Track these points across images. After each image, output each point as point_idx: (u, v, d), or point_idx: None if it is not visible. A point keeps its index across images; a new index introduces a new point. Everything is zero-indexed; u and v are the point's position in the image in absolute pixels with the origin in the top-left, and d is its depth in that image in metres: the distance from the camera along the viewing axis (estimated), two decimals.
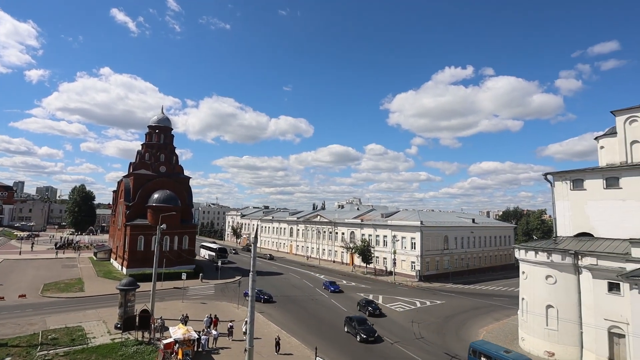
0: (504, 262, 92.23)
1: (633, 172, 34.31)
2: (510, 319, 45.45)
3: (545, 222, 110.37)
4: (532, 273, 36.32)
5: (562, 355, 33.50)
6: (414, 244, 76.10)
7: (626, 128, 36.71)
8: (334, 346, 35.42)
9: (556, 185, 39.25)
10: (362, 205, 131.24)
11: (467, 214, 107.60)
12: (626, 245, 30.22)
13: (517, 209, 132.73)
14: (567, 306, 33.63)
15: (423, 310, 50.72)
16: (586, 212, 36.80)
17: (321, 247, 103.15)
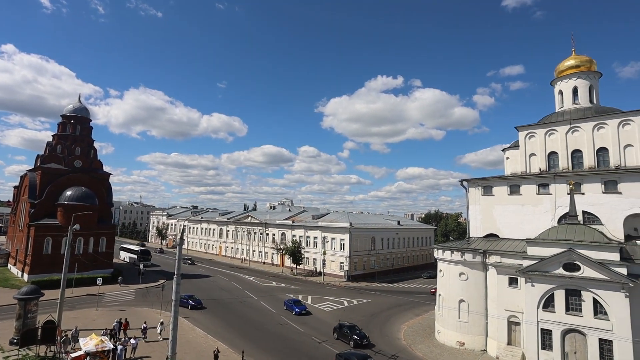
0: (426, 262, 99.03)
1: (530, 181, 39.25)
2: (429, 314, 49.00)
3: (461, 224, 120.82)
4: (448, 271, 39.65)
5: (470, 344, 37.03)
6: (343, 245, 78.46)
7: (526, 142, 41.83)
8: (262, 349, 35.16)
9: (470, 190, 43.31)
10: (293, 207, 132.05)
11: (393, 217, 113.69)
12: (524, 244, 34.39)
13: (438, 212, 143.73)
14: (476, 300, 37.30)
15: (350, 309, 52.51)
16: (494, 216, 41.16)
17: (251, 249, 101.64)
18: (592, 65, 43.07)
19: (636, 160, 35.31)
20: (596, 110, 39.66)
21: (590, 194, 35.65)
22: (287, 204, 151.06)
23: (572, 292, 29.88)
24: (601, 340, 28.29)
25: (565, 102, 43.46)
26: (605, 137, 37.33)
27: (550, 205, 37.62)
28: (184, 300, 48.40)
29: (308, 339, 38.23)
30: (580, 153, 38.66)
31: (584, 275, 29.15)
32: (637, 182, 33.62)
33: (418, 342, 39.10)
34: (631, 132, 36.01)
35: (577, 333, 29.45)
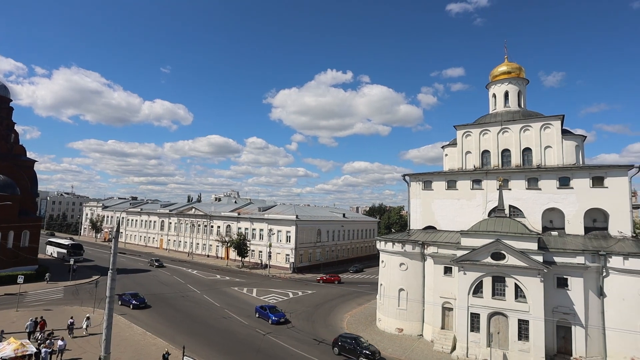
0: (369, 253, 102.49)
1: (465, 177, 42.15)
2: (371, 303, 50.98)
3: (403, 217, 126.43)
4: (389, 261, 41.50)
5: (408, 330, 39.24)
6: (289, 237, 78.79)
7: (463, 141, 44.74)
8: (206, 344, 34.46)
9: (411, 185, 45.50)
10: (240, 199, 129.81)
11: (339, 209, 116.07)
12: (458, 236, 36.95)
13: (382, 205, 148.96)
14: (415, 288, 39.51)
15: (295, 300, 53.07)
16: (432, 209, 43.67)
17: (195, 241, 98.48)
18: (521, 72, 46.96)
19: (554, 160, 39.29)
20: (523, 114, 43.41)
21: (516, 190, 39.17)
22: (233, 195, 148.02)
23: (498, 278, 32.74)
24: (520, 321, 31.42)
25: (497, 104, 47.01)
26: (529, 139, 41.06)
27: (482, 200, 40.73)
28: (126, 299, 45.70)
29: (253, 332, 38.12)
30: (509, 152, 42.15)
31: (509, 263, 32.06)
32: (554, 180, 37.56)
33: (360, 330, 40.58)
34: (551, 134, 39.97)
35: (500, 315, 32.40)
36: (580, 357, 31.22)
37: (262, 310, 43.27)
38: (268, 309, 43.18)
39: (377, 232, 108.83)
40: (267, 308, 43.43)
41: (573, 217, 36.56)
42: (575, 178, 36.80)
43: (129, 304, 45.00)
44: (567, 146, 39.25)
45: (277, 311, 43.03)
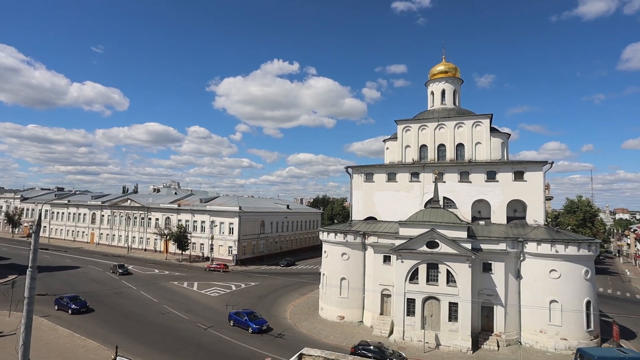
0: (313, 244, 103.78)
1: (404, 170, 44.21)
2: (313, 293, 51.87)
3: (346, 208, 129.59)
4: (331, 251, 42.46)
5: (349, 317, 40.62)
6: (232, 229, 77.34)
7: (403, 135, 46.75)
8: (142, 342, 32.90)
9: (354, 177, 46.73)
10: (180, 190, 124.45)
11: (283, 201, 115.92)
12: (397, 226, 38.77)
13: (326, 197, 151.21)
14: (356, 277, 40.88)
15: (238, 292, 52.42)
16: (373, 200, 45.28)
17: (131, 235, 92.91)
18: (457, 72, 49.97)
19: (483, 156, 42.56)
20: (458, 112, 46.34)
21: (450, 183, 41.92)
22: (174, 186, 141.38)
23: (432, 265, 34.97)
24: (450, 304, 33.95)
25: (435, 102, 49.64)
26: (463, 135, 44.01)
27: (419, 192, 43.04)
28: (64, 303, 40.31)
29: (193, 327, 37.09)
30: (444, 147, 44.87)
31: (442, 251, 34.36)
32: (482, 174, 40.77)
33: (303, 319, 41.25)
34: (481, 132, 43.18)
35: (434, 299, 34.73)
36: (500, 333, 34.56)
37: (239, 318, 37.39)
38: (246, 315, 37.25)
39: (321, 223, 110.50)
40: (245, 314, 37.41)
41: (498, 208, 40.03)
42: (501, 172, 40.25)
43: (67, 308, 39.83)
44: (494, 143, 42.69)
45: (256, 317, 37.42)
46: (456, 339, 33.24)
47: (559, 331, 33.49)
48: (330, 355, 20.90)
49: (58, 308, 40.41)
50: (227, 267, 69.83)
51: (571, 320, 33.33)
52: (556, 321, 33.55)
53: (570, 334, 33.36)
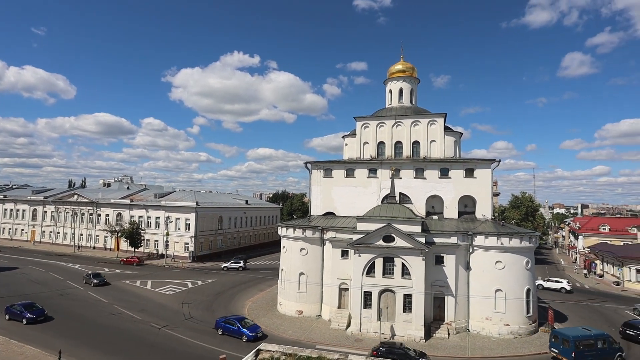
0: (272, 239, 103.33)
1: (363, 166, 45.09)
2: (272, 289, 51.75)
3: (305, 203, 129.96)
4: (290, 247, 42.53)
5: (308, 311, 40.98)
6: (189, 225, 75.19)
7: (362, 132, 47.58)
8: (90, 345, 31.22)
9: (313, 172, 46.97)
10: (133, 184, 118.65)
11: (242, 196, 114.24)
12: (355, 221, 39.53)
13: (285, 192, 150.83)
14: (314, 272, 41.26)
15: (194, 290, 51.15)
16: (332, 196, 45.81)
17: (78, 232, 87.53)
18: (414, 72, 51.51)
19: (437, 153, 44.35)
20: (414, 110, 47.86)
21: (406, 179, 43.30)
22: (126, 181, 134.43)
23: (388, 259, 36.05)
24: (405, 295, 35.25)
25: (393, 100, 50.89)
26: (418, 133, 45.55)
27: (376, 187, 44.09)
28: (17, 312, 35.98)
29: (146, 327, 35.77)
30: (401, 144, 46.20)
31: (397, 245, 35.51)
32: (436, 170, 42.52)
33: (261, 315, 41.08)
34: (435, 130, 44.93)
35: (389, 292, 35.88)
36: (450, 322, 36.44)
37: (229, 325, 34.04)
38: (237, 322, 34.11)
39: (280, 218, 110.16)
40: (236, 321, 34.24)
41: (450, 203, 41.96)
42: (453, 169, 42.17)
43: (21, 318, 35.45)
44: (447, 141, 44.60)
45: (248, 323, 34.59)
46: (410, 329, 34.61)
47: (502, 318, 35.86)
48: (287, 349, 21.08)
49: (9, 318, 36.14)
50: (141, 261, 69.32)
51: (513, 307, 35.82)
52: (500, 308, 35.91)
53: (512, 319, 35.86)
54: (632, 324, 36.63)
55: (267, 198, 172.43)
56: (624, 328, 36.50)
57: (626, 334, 35.74)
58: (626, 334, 35.67)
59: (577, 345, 29.20)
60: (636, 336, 35.00)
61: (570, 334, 30.37)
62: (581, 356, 29.00)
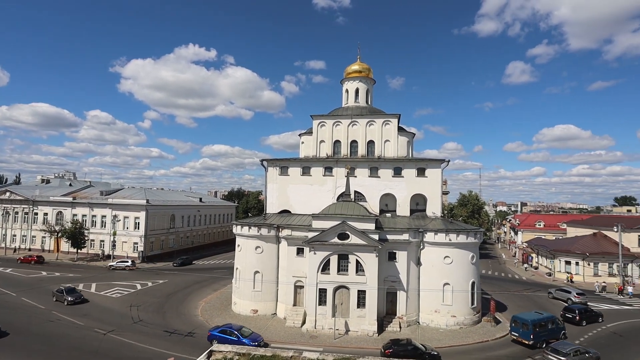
0: (227, 238, 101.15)
1: (319, 164, 45.45)
2: (227, 288, 50.79)
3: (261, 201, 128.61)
4: (245, 245, 42.00)
5: (263, 310, 40.73)
6: (138, 224, 71.77)
7: (318, 130, 47.90)
8: (25, 355, 28.88)
9: (269, 170, 46.61)
10: (76, 181, 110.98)
11: (195, 194, 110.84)
12: (310, 219, 39.77)
13: (240, 190, 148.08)
14: (269, 270, 41.07)
15: (144, 292, 49.00)
16: (288, 193, 45.75)
17: (11, 233, 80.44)
18: (370, 73, 52.63)
19: (391, 153, 45.72)
20: (370, 110, 48.93)
21: (360, 177, 44.21)
22: (68, 177, 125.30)
23: (342, 256, 36.69)
24: (359, 291, 36.09)
25: (349, 99, 51.69)
26: (373, 132, 46.65)
27: (332, 186, 44.64)
28: None
29: (90, 333, 33.73)
30: (356, 143, 47.06)
31: (352, 242, 36.23)
32: (390, 170, 43.84)
33: (215, 315, 40.23)
34: (390, 130, 46.27)
35: (344, 288, 36.55)
36: (402, 315, 37.84)
37: (226, 336, 30.88)
38: (237, 331, 31.57)
39: (235, 216, 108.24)
40: (235, 330, 31.67)
41: (402, 201, 43.46)
42: (406, 168, 43.68)
43: None
44: (401, 141, 46.11)
45: (248, 333, 32.18)
46: (364, 324, 35.50)
47: (450, 310, 37.84)
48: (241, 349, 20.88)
49: None
50: (40, 260, 66.35)
51: (459, 300, 37.91)
52: (448, 301, 37.86)
53: (458, 311, 37.94)
54: (571, 309, 41.56)
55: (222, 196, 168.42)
56: (564, 312, 41.24)
57: (566, 317, 40.30)
58: (566, 317, 40.20)
59: (534, 328, 32.97)
60: (573, 318, 39.89)
61: (528, 318, 34.00)
62: (537, 336, 32.90)
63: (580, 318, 39.63)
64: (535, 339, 32.64)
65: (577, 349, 29.02)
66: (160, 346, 30.93)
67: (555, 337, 33.94)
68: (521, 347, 32.97)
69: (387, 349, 29.99)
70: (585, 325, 39.23)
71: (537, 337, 32.80)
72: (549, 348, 29.51)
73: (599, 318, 40.83)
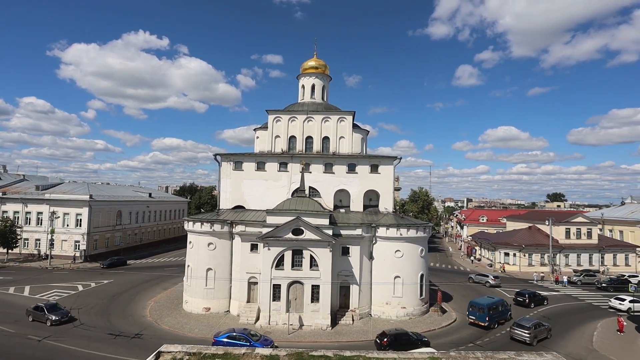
0: (178, 234, 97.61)
1: (274, 159, 45.14)
2: (177, 286, 49.06)
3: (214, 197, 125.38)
4: (197, 242, 40.83)
5: (215, 308, 39.91)
6: (80, 221, 67.23)
7: (274, 125, 47.50)
8: None
9: (223, 165, 45.54)
10: (7, 174, 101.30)
11: (145, 189, 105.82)
12: (265, 214, 39.47)
13: (193, 185, 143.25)
14: (222, 267, 40.29)
15: (86, 293, 46.08)
16: (242, 189, 45.03)
17: None
18: (327, 69, 52.94)
19: (345, 149, 46.42)
20: (325, 107, 49.28)
21: (315, 173, 44.50)
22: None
23: (297, 251, 36.82)
24: (313, 286, 36.46)
25: (305, 95, 51.72)
26: (329, 129, 47.08)
27: (287, 181, 44.54)
28: None
29: (23, 340, 31.11)
30: (312, 139, 47.26)
31: (306, 238, 36.43)
32: (344, 166, 44.52)
33: (165, 315, 38.81)
34: (344, 127, 46.93)
35: (298, 283, 36.74)
36: (355, 309, 38.74)
37: (235, 342, 28.51)
38: (246, 336, 29.64)
39: (188, 212, 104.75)
40: (244, 335, 29.70)
41: (356, 197, 44.34)
42: (360, 165, 44.58)
43: None
44: (355, 138, 46.95)
45: (258, 337, 30.54)
46: (317, 319, 35.93)
47: (400, 301, 39.33)
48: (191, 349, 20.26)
49: None
50: None
51: (409, 292, 39.53)
52: (398, 293, 39.33)
53: (408, 302, 39.55)
54: (521, 293, 46.38)
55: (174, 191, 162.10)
56: (516, 296, 46.22)
57: (517, 300, 45.48)
58: (517, 301, 45.38)
59: (489, 311, 37.07)
60: (524, 301, 45.00)
61: (484, 302, 38.03)
62: (491, 318, 37.11)
63: (529, 301, 44.85)
64: (490, 321, 36.83)
65: (536, 323, 34.27)
66: (104, 350, 29.32)
67: (504, 318, 38.59)
68: (477, 328, 36.87)
69: (383, 339, 30.81)
70: (533, 307, 44.21)
71: (491, 319, 37.01)
72: (515, 324, 34.41)
73: (544, 301, 46.35)
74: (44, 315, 35.31)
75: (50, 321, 34.76)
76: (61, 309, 36.49)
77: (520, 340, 33.08)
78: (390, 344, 29.88)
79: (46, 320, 34.93)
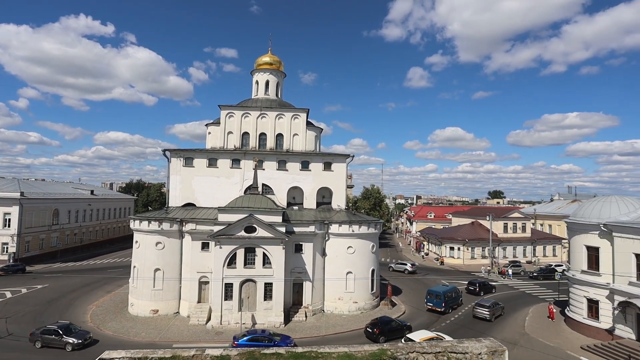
0: (124, 234, 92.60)
1: (226, 156, 44.19)
2: (122, 289, 46.60)
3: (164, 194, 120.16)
4: (144, 241, 38.98)
5: (164, 310, 38.40)
6: (9, 221, 61.55)
7: (226, 121, 46.44)
8: None
9: (172, 161, 43.77)
10: None
11: (86, 186, 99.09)
12: (216, 212, 38.55)
13: (141, 182, 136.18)
14: (171, 267, 38.83)
15: (16, 300, 42.37)
16: (193, 186, 43.60)
17: None
18: (281, 66, 52.58)
19: (299, 146, 46.50)
20: (279, 103, 48.97)
21: (269, 170, 44.16)
22: None
23: (249, 249, 36.39)
24: (266, 284, 36.26)
25: (259, 91, 51.07)
26: (282, 126, 46.88)
27: (240, 178, 43.79)
28: None
29: None
30: (265, 136, 46.81)
31: (259, 235, 36.10)
32: (298, 163, 44.61)
33: (108, 320, 36.72)
34: (298, 124, 46.97)
35: (251, 282, 36.34)
36: (308, 305, 39.06)
37: (259, 344, 27.36)
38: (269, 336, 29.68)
39: (135, 210, 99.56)
40: (267, 336, 29.70)
41: (309, 194, 44.62)
42: (313, 162, 44.89)
43: None
44: (309, 135, 47.16)
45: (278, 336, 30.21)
46: (270, 316, 35.80)
47: (352, 297, 40.23)
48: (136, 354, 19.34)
49: None
50: None
51: (360, 287, 40.54)
52: (350, 288, 40.19)
53: (359, 297, 40.57)
54: (473, 283, 50.64)
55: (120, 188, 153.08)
56: (468, 285, 50.26)
57: (469, 289, 49.68)
58: (469, 289, 49.60)
59: (445, 298, 40.65)
60: (474, 290, 49.15)
61: (440, 290, 41.83)
62: (447, 304, 40.77)
63: (479, 289, 49.06)
64: (446, 307, 40.58)
65: (493, 303, 39.69)
66: None
67: (456, 304, 42.88)
68: (434, 314, 40.37)
69: (375, 327, 32.95)
70: (482, 295, 47.91)
71: (447, 305, 40.75)
72: (476, 304, 39.72)
73: (492, 289, 50.86)
74: (60, 339, 29.58)
75: (71, 345, 29.42)
76: (81, 330, 31.44)
77: (481, 317, 38.08)
78: (382, 332, 32.38)
79: (65, 345, 29.46)
